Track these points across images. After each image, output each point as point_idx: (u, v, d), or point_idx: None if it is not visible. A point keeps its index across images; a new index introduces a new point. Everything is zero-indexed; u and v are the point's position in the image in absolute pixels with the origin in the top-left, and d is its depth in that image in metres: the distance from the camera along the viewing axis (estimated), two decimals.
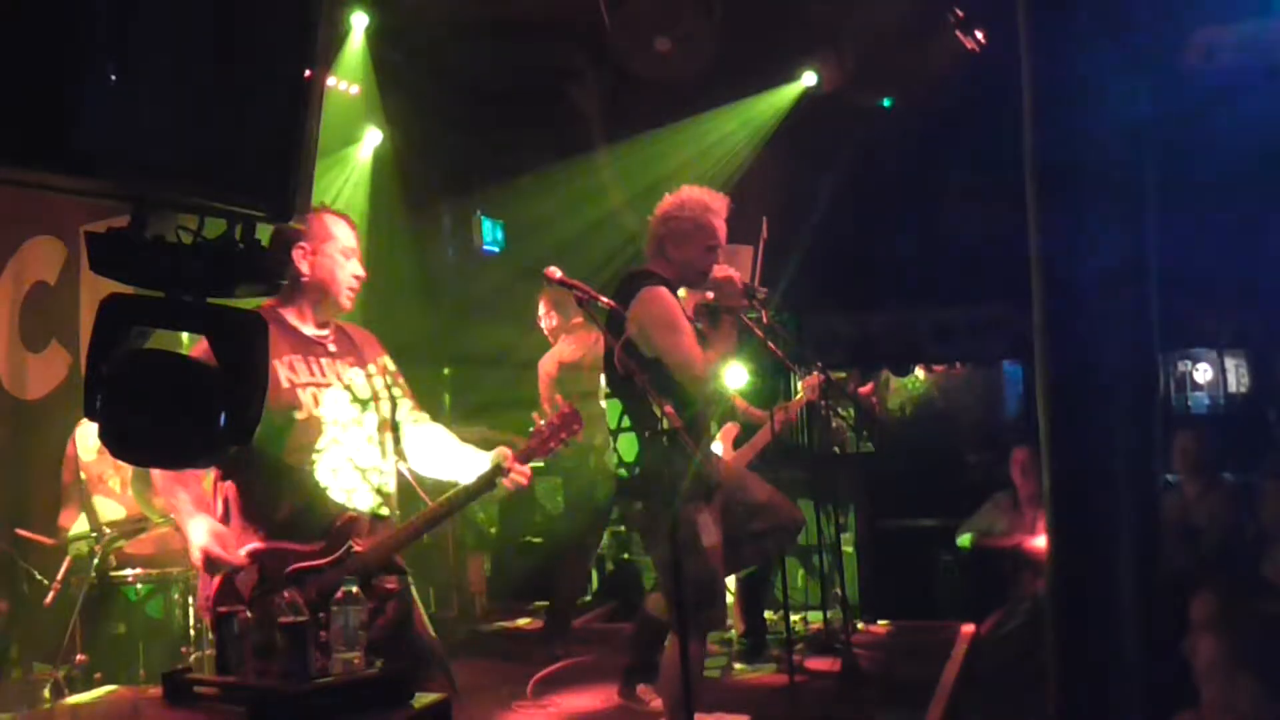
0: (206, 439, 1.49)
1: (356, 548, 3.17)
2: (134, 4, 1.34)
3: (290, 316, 3.29)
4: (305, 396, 3.19)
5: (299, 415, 3.16)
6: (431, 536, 3.50)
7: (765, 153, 8.55)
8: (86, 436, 5.39)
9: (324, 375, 3.24)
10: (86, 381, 1.49)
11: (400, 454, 3.42)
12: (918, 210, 8.61)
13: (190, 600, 5.01)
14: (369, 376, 3.35)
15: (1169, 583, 1.85)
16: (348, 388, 3.28)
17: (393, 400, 3.40)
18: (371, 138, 7.80)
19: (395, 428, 3.41)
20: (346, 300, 3.33)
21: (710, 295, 5.50)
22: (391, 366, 3.46)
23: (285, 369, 3.19)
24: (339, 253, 3.31)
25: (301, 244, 3.27)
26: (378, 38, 7.26)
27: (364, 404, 3.30)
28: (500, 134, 8.02)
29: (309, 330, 3.30)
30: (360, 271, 3.34)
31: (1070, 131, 1.80)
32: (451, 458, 3.43)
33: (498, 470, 3.28)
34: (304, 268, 3.26)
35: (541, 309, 6.56)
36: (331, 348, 3.30)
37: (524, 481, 3.30)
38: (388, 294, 7.55)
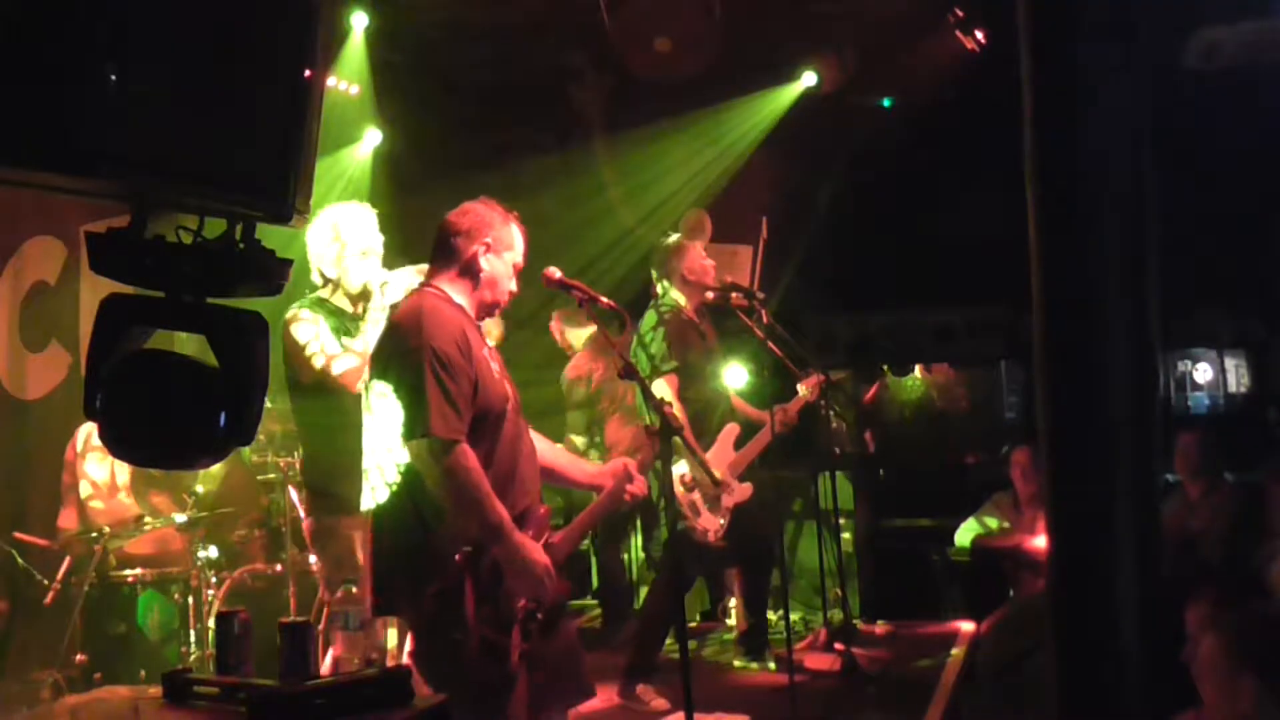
0: (206, 439, 1.49)
1: (554, 539, 3.19)
2: (134, 4, 1.34)
3: (462, 302, 3.21)
4: (507, 387, 3.18)
5: (508, 407, 3.15)
6: None
7: (765, 153, 8.55)
8: (91, 446, 5.39)
9: (499, 364, 3.22)
10: (86, 381, 1.49)
11: None
12: (917, 210, 8.61)
13: (190, 600, 5.01)
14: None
15: (1170, 584, 1.85)
16: (510, 381, 3.27)
17: None
18: (371, 138, 7.80)
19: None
20: (499, 305, 3.31)
21: (711, 296, 5.54)
22: None
23: (492, 360, 3.15)
24: (513, 266, 3.28)
25: (487, 239, 3.21)
26: (378, 38, 7.26)
27: (516, 399, 3.29)
28: (500, 134, 8.02)
29: (473, 320, 3.26)
30: (516, 289, 3.32)
31: (1070, 131, 1.80)
32: (558, 459, 3.51)
33: (628, 478, 3.35)
34: (484, 264, 3.21)
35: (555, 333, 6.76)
36: (490, 340, 3.28)
37: (642, 493, 3.42)
38: None
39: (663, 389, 5.02)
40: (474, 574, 2.98)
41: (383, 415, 3.08)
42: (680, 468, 5.04)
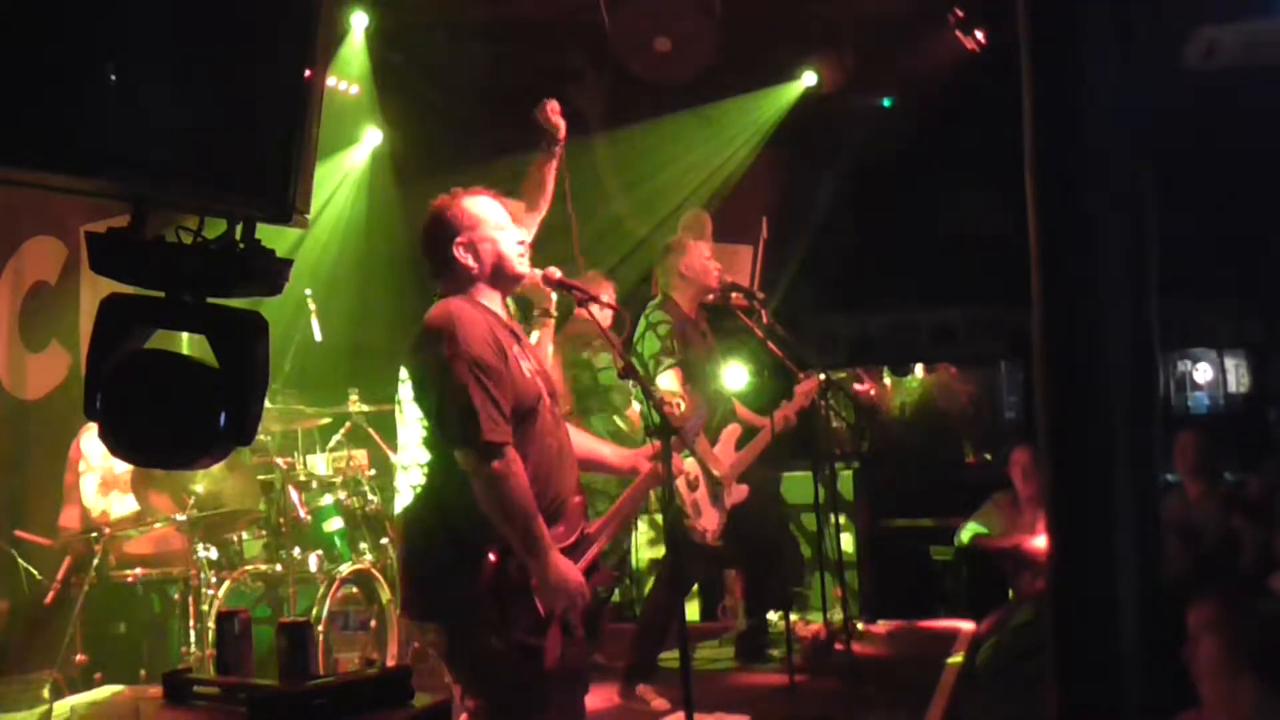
0: (206, 439, 1.49)
1: (589, 529, 3.19)
2: (134, 4, 1.34)
3: (488, 303, 3.20)
4: (540, 384, 3.17)
5: (539, 405, 3.13)
6: None
7: (765, 153, 8.55)
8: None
9: (531, 361, 3.21)
10: (86, 381, 1.49)
11: None
12: (918, 210, 8.61)
13: (190, 600, 5.01)
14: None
15: (1170, 583, 1.85)
16: (543, 377, 3.25)
17: None
18: (371, 138, 7.80)
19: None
20: (521, 267, 3.26)
21: (711, 296, 5.54)
22: None
23: (522, 359, 3.13)
24: (493, 230, 3.23)
25: (458, 240, 3.18)
26: (378, 38, 7.26)
27: (551, 394, 3.28)
28: (500, 134, 8.02)
29: (504, 317, 3.24)
30: (523, 236, 3.28)
31: (1070, 130, 1.80)
32: (590, 446, 3.52)
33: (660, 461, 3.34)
34: (470, 262, 3.18)
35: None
36: (517, 335, 3.26)
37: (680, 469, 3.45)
38: (387, 294, 7.56)
39: (669, 382, 5.04)
40: (503, 577, 2.97)
41: (413, 421, 3.08)
42: (685, 465, 5.03)
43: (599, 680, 5.40)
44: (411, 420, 3.10)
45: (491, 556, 2.96)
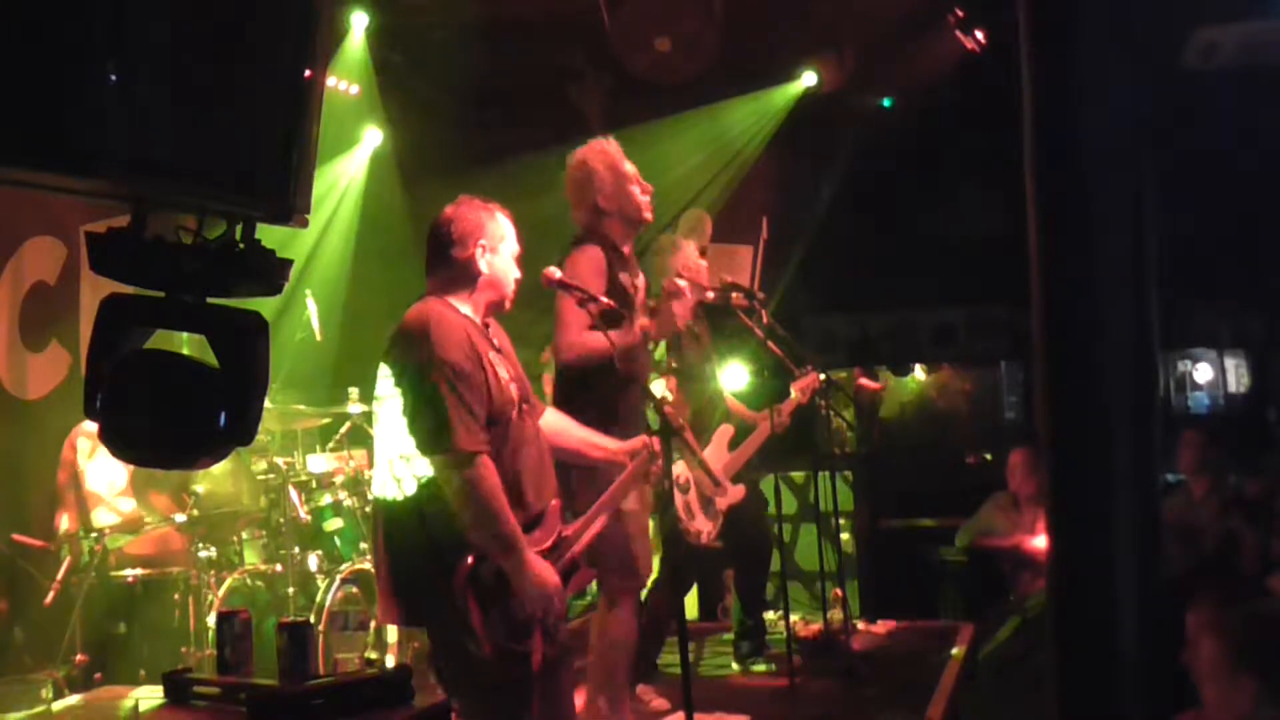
0: (206, 439, 1.49)
1: (565, 532, 3.19)
2: (134, 4, 1.34)
3: (467, 310, 3.19)
4: (515, 391, 3.17)
5: (514, 414, 3.13)
6: None
7: (765, 153, 8.55)
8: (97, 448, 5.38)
9: (507, 369, 3.21)
10: (86, 381, 1.49)
11: None
12: (917, 210, 8.61)
13: (190, 600, 5.01)
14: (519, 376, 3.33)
15: (1171, 582, 1.85)
16: (519, 384, 3.25)
17: None
18: (371, 138, 7.80)
19: None
20: (509, 303, 3.29)
21: (710, 296, 5.53)
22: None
23: (499, 366, 3.13)
24: (512, 255, 3.26)
25: (482, 241, 3.19)
26: (378, 38, 7.27)
27: (529, 401, 3.28)
28: (500, 134, 8.03)
29: (481, 325, 3.24)
30: (519, 275, 3.30)
31: (1070, 130, 1.80)
32: (573, 436, 3.49)
33: (653, 458, 3.31)
34: (483, 266, 3.19)
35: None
36: (496, 343, 3.25)
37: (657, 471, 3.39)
38: (387, 295, 7.55)
39: (662, 388, 5.03)
40: (480, 583, 2.98)
41: (394, 423, 3.08)
42: (676, 468, 5.03)
43: None
44: (398, 426, 3.09)
45: (469, 561, 2.96)
